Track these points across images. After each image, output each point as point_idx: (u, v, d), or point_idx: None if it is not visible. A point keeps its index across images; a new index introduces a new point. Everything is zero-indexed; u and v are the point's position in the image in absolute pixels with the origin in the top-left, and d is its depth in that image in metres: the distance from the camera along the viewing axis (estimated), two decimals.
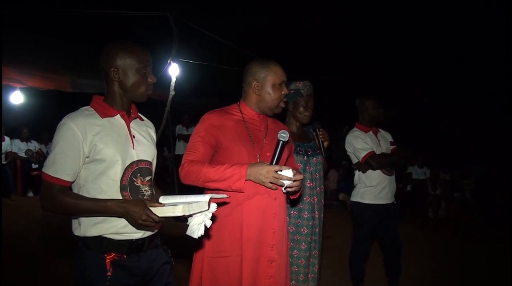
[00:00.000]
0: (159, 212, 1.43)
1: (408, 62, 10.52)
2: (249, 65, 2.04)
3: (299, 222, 2.59)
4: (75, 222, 1.58)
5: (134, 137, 1.65)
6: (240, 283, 1.86)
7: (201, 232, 1.51)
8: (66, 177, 1.51)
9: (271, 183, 1.81)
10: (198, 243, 1.91)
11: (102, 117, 1.58)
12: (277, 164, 1.82)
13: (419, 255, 5.04)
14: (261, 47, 10.06)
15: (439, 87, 10.05)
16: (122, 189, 1.57)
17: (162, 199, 1.55)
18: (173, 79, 6.43)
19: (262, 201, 1.90)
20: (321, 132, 2.70)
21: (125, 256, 1.56)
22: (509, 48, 8.46)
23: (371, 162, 3.27)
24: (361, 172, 3.38)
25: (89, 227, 1.54)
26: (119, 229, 1.55)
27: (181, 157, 1.99)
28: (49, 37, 7.76)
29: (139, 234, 1.59)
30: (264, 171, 1.78)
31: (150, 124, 1.84)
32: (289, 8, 10.22)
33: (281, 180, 1.79)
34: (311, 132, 2.82)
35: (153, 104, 5.02)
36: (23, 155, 8.27)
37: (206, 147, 1.93)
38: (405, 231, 4.91)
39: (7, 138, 7.96)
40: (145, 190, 1.63)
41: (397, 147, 3.52)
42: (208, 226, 1.52)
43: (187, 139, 8.04)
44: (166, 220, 1.46)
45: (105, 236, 1.54)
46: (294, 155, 2.44)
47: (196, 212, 1.46)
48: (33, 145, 8.56)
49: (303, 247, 2.57)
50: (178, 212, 1.42)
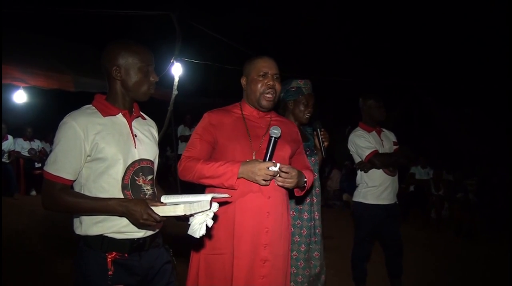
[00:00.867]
0: (161, 211, 1.43)
1: (411, 63, 10.50)
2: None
3: (299, 223, 2.57)
4: (76, 221, 1.58)
5: (136, 136, 1.64)
6: (232, 281, 1.86)
7: (203, 231, 1.50)
8: (67, 175, 1.50)
9: (264, 180, 1.80)
10: (196, 240, 1.91)
11: (104, 116, 1.58)
12: (270, 161, 1.81)
13: (421, 255, 5.02)
14: (264, 47, 10.05)
15: (442, 88, 10.01)
16: (124, 188, 1.56)
17: (164, 198, 1.55)
18: (176, 79, 6.43)
19: (255, 199, 1.89)
20: (322, 133, 2.69)
21: (126, 255, 1.56)
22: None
23: (374, 161, 3.26)
24: (363, 172, 3.36)
25: (90, 226, 1.54)
26: (120, 228, 1.55)
27: None
28: (52, 37, 7.76)
29: (140, 233, 1.59)
30: (256, 169, 1.78)
31: (153, 123, 1.84)
32: (292, 8, 10.22)
33: (271, 175, 1.79)
34: (308, 131, 2.81)
35: (156, 103, 5.03)
36: (26, 154, 8.28)
37: (204, 143, 1.96)
38: (407, 231, 4.89)
39: (10, 137, 7.98)
40: (146, 189, 1.63)
41: (400, 146, 3.51)
42: (210, 225, 1.52)
43: (189, 140, 8.01)
44: (168, 219, 1.46)
45: (106, 235, 1.54)
46: None
47: (198, 211, 1.45)
48: (36, 144, 8.58)
49: (303, 249, 2.54)
50: (179, 211, 1.42)
